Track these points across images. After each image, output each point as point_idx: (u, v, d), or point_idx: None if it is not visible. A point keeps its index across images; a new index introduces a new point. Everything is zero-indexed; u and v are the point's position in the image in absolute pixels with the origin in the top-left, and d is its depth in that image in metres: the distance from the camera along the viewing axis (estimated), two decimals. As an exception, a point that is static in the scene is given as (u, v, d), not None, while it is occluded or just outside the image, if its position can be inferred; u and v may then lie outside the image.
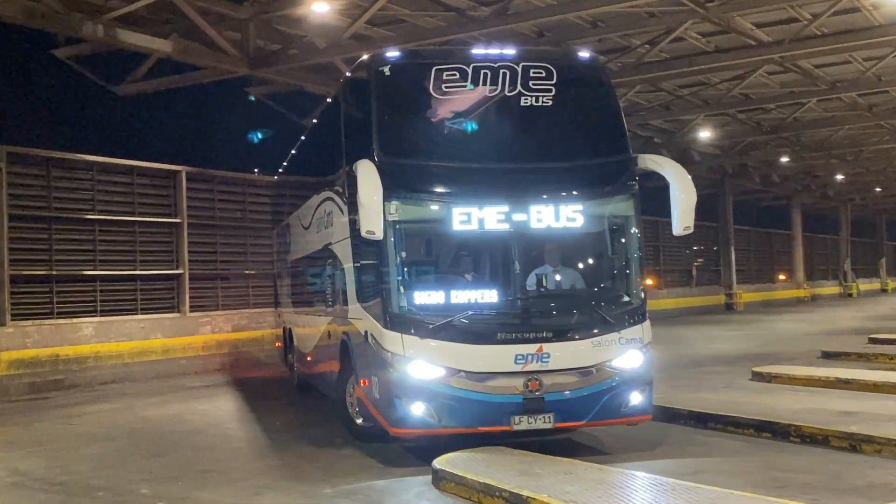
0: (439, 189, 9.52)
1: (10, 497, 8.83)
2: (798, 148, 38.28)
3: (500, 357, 9.17)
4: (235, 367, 20.15)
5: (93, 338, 18.21)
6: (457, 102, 9.80)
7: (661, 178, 10.01)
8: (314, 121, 16.87)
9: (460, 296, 9.38)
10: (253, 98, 23.81)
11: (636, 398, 9.62)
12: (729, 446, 10.32)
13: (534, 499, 7.59)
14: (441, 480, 8.57)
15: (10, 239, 17.20)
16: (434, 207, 9.55)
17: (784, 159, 41.13)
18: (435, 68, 9.74)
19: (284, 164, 17.75)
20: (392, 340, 9.19)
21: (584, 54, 10.80)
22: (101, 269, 18.83)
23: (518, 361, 9.15)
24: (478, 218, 9.24)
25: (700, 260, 43.46)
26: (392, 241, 9.21)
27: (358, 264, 10.10)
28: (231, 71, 20.36)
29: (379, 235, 9.00)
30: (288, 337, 17.20)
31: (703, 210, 45.57)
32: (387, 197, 9.08)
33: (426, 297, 9.41)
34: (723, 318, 37.77)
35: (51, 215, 18.10)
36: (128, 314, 19.17)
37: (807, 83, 27.08)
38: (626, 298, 9.92)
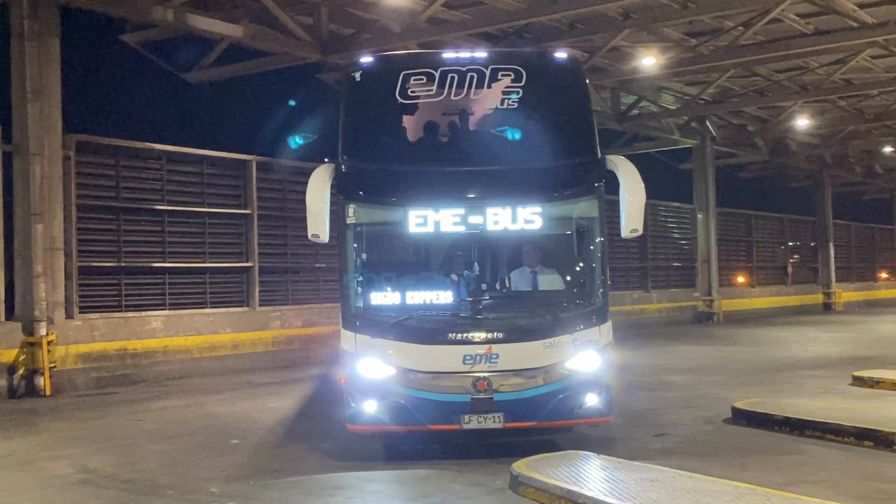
0: (396, 193, 9.75)
1: (79, 494, 8.79)
2: (903, 137, 36.88)
3: (448, 357, 9.41)
4: (305, 363, 19.72)
5: (161, 332, 17.93)
6: (422, 107, 10.08)
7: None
8: None
9: (413, 297, 9.72)
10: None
11: (591, 399, 9.64)
12: (828, 455, 9.93)
13: (619, 507, 7.45)
14: (520, 485, 8.38)
15: (78, 230, 16.96)
16: (391, 211, 9.83)
17: (888, 149, 39.61)
18: (403, 73, 9.98)
19: None
20: (347, 339, 9.62)
21: (561, 55, 10.70)
22: (169, 261, 18.52)
23: (466, 362, 9.38)
24: (433, 221, 9.47)
25: (796, 256, 42.46)
26: (349, 243, 9.65)
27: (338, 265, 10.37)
28: (303, 57, 20.00)
29: (324, 239, 9.52)
30: None
31: (800, 203, 44.48)
32: (346, 201, 9.61)
33: (380, 297, 9.78)
34: (820, 318, 36.82)
35: (119, 206, 17.81)
36: (196, 308, 18.86)
37: (914, 67, 25.92)
38: (584, 300, 10.07)
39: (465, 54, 10.35)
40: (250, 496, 8.60)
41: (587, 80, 10.55)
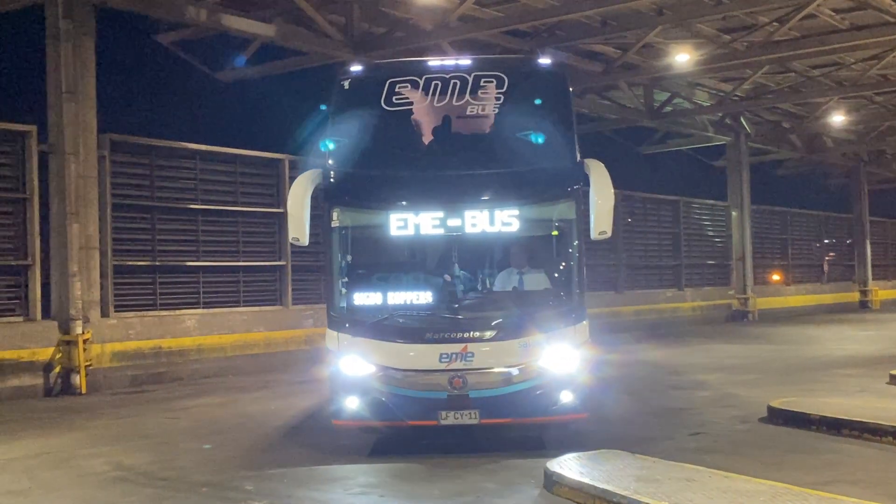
0: (378, 197, 10.10)
1: (115, 492, 8.83)
2: (941, 134, 36.47)
3: (425, 356, 9.71)
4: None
5: (195, 330, 18.01)
6: (406, 113, 10.37)
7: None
8: None
9: (393, 297, 10.03)
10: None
11: (566, 397, 9.85)
12: (865, 454, 9.81)
13: (654, 506, 7.38)
14: (554, 485, 8.35)
15: (113, 229, 17.07)
16: (372, 214, 10.20)
17: (925, 146, 39.09)
18: (389, 81, 10.33)
19: None
20: (331, 338, 10.04)
21: (545, 61, 10.91)
22: (203, 259, 18.60)
23: (443, 360, 9.66)
24: (413, 224, 9.83)
25: (832, 254, 41.97)
26: (333, 246, 10.05)
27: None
28: (335, 56, 20.02)
29: (304, 242, 9.98)
30: None
31: (836, 201, 44.04)
32: (330, 205, 10.04)
33: (361, 298, 10.10)
34: (857, 316, 36.41)
35: (154, 205, 17.92)
36: (230, 306, 18.92)
37: (952, 63, 25.54)
38: (559, 300, 10.29)
39: (449, 62, 10.76)
40: (284, 494, 8.62)
41: (570, 87, 10.87)
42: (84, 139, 15.99)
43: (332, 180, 10.13)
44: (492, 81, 10.33)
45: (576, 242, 10.08)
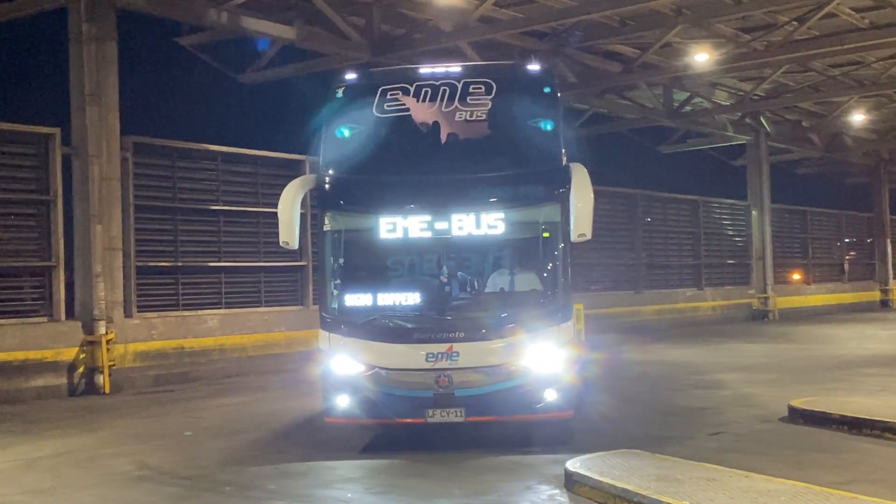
0: (368, 202, 10.40)
1: (139, 491, 8.89)
2: (963, 132, 36.20)
3: (412, 355, 9.96)
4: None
5: (217, 330, 18.12)
6: (397, 120, 10.62)
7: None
8: None
9: (382, 298, 10.37)
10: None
11: (550, 395, 10.04)
12: (887, 454, 9.76)
13: (674, 506, 7.35)
14: (574, 484, 8.36)
15: (136, 230, 17.19)
16: (363, 218, 10.46)
17: (946, 144, 38.83)
18: (381, 88, 10.66)
19: None
20: (323, 338, 10.34)
21: (533, 67, 11.22)
22: (225, 260, 18.71)
23: (429, 359, 9.91)
24: (402, 227, 10.11)
25: (852, 253, 41.72)
26: (326, 249, 10.38)
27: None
28: (355, 57, 20.08)
29: (293, 245, 10.24)
30: None
31: (856, 199, 43.77)
32: (322, 209, 10.39)
33: (352, 299, 10.40)
34: (878, 315, 36.22)
35: (176, 206, 18.04)
36: (251, 306, 19.02)
37: (974, 61, 25.36)
38: (544, 301, 10.46)
39: (440, 69, 10.96)
40: (305, 494, 8.67)
41: (558, 92, 11.05)
42: (107, 141, 16.13)
43: (324, 185, 10.45)
44: (480, 88, 10.59)
45: (561, 244, 10.27)
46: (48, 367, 15.39)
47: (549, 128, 10.56)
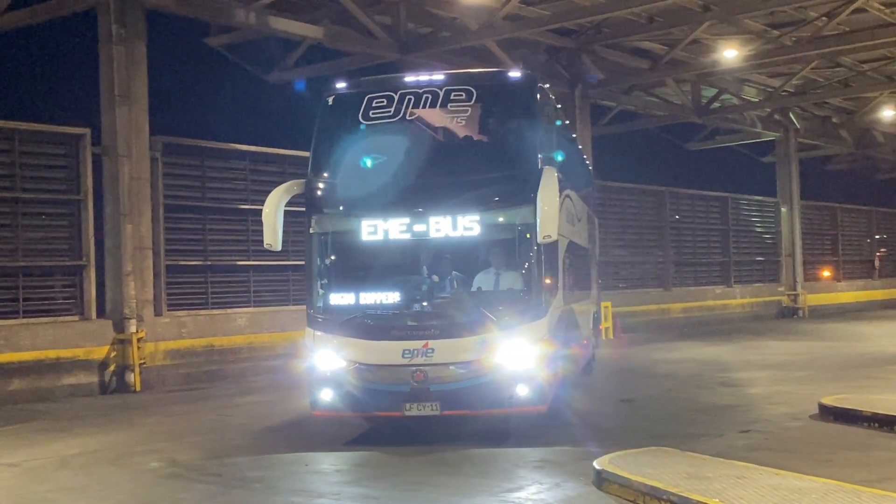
0: (350, 205, 10.80)
1: (169, 488, 8.96)
2: None
3: (390, 351, 10.37)
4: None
5: (246, 328, 18.21)
6: (381, 126, 11.01)
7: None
8: None
9: (363, 297, 10.67)
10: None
11: (523, 390, 10.32)
12: None
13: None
14: (604, 482, 8.31)
15: (165, 229, 17.33)
16: (346, 221, 10.88)
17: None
18: (367, 97, 11.07)
19: None
20: (308, 335, 10.82)
21: (514, 74, 11.70)
22: (253, 259, 18.80)
23: (405, 355, 10.30)
24: (382, 229, 10.52)
25: (883, 250, 41.33)
26: (312, 250, 10.87)
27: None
28: (382, 56, 20.15)
29: (276, 247, 10.75)
30: None
31: (887, 195, 43.38)
32: (309, 213, 10.86)
33: (335, 298, 10.78)
34: (910, 311, 35.70)
35: (205, 205, 18.16)
36: (280, 304, 19.08)
37: None
38: (518, 299, 10.68)
39: (424, 77, 11.37)
40: (333, 492, 8.68)
41: (537, 97, 11.30)
42: (136, 141, 16.24)
43: (312, 190, 10.95)
44: (461, 94, 10.94)
45: (535, 245, 10.46)
46: (80, 366, 15.54)
47: (526, 132, 10.87)
